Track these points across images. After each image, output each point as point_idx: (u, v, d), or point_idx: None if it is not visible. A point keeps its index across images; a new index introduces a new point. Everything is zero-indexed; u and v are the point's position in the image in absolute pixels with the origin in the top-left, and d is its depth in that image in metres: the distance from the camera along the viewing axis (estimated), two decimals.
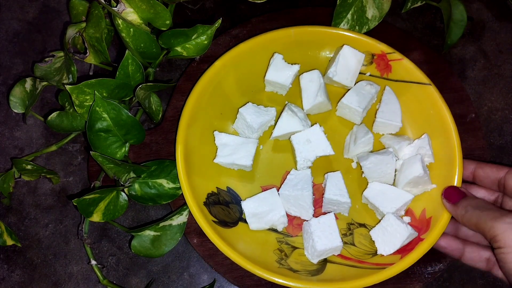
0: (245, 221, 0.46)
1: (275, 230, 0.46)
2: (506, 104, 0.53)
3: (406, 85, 0.49)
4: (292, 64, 0.49)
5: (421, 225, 0.44)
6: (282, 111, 0.49)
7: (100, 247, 0.48)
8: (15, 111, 0.50)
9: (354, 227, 0.46)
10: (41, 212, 0.50)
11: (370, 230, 0.46)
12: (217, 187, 0.47)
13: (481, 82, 0.54)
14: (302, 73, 0.50)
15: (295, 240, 0.46)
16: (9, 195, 0.49)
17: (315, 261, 0.44)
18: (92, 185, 0.47)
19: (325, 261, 0.44)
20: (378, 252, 0.44)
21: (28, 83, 0.49)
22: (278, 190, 0.46)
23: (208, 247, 0.45)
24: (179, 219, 0.45)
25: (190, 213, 0.45)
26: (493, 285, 0.47)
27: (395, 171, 0.47)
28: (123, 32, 0.46)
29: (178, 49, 0.49)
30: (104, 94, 0.45)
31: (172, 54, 0.49)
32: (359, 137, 0.47)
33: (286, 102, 0.50)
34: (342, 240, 0.43)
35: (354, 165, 0.49)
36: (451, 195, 0.42)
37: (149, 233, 0.45)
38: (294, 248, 0.45)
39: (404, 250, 0.43)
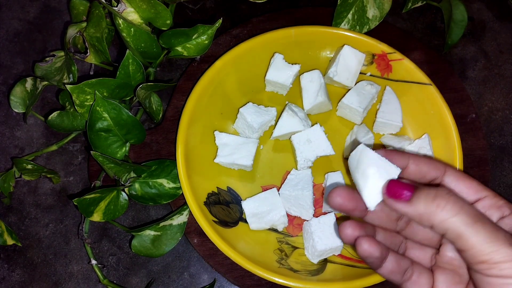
0: (245, 221, 0.46)
1: (275, 230, 0.46)
2: (507, 104, 0.53)
3: (406, 85, 0.49)
4: (292, 64, 0.49)
5: None
6: (282, 111, 0.49)
7: (101, 246, 0.48)
8: (16, 110, 0.50)
9: None
10: (41, 211, 0.50)
11: None
12: (217, 187, 0.47)
13: (481, 82, 0.54)
14: (303, 73, 0.50)
15: (296, 240, 0.46)
16: (10, 195, 0.49)
17: (315, 261, 0.44)
18: (92, 185, 0.47)
19: (325, 261, 0.44)
20: None
21: (29, 82, 0.49)
22: (278, 190, 0.46)
23: (208, 247, 0.45)
24: (180, 219, 0.45)
25: (190, 213, 0.45)
26: None
27: None
28: (124, 32, 0.46)
29: (179, 49, 0.49)
30: (105, 94, 0.45)
31: (173, 54, 0.49)
32: (359, 137, 0.47)
33: (287, 102, 0.50)
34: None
35: None
36: (400, 189, 0.31)
37: (150, 232, 0.45)
38: (295, 248, 0.45)
39: None
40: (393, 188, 0.31)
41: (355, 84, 0.50)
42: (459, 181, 0.32)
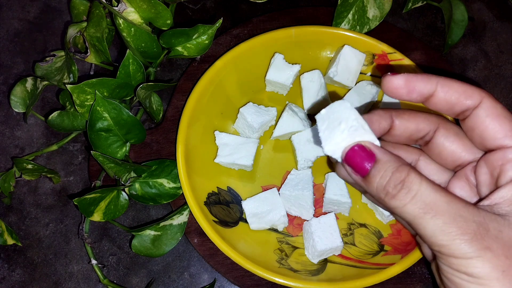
0: (245, 221, 0.46)
1: (275, 230, 0.46)
2: (507, 104, 0.53)
3: None
4: (292, 64, 0.49)
5: None
6: (282, 111, 0.49)
7: (101, 246, 0.48)
8: (16, 110, 0.50)
9: (355, 227, 0.46)
10: (41, 211, 0.50)
11: (370, 230, 0.46)
12: (217, 187, 0.47)
13: (482, 82, 0.54)
14: (303, 73, 0.50)
15: (296, 240, 0.46)
16: (10, 195, 0.49)
17: (315, 261, 0.44)
18: (92, 185, 0.47)
19: (325, 261, 0.44)
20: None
21: (29, 82, 0.50)
22: (278, 190, 0.46)
23: (208, 246, 0.45)
24: (180, 219, 0.45)
25: (190, 213, 0.45)
26: None
27: None
28: (124, 32, 0.46)
29: (179, 48, 0.49)
30: (105, 94, 0.45)
31: (173, 54, 0.49)
32: None
33: (287, 102, 0.50)
34: (343, 240, 0.43)
35: None
36: (359, 158, 0.27)
37: (150, 232, 0.45)
38: (295, 248, 0.45)
39: (404, 250, 0.43)
40: (352, 156, 0.27)
41: (356, 84, 0.50)
42: (492, 118, 0.28)
